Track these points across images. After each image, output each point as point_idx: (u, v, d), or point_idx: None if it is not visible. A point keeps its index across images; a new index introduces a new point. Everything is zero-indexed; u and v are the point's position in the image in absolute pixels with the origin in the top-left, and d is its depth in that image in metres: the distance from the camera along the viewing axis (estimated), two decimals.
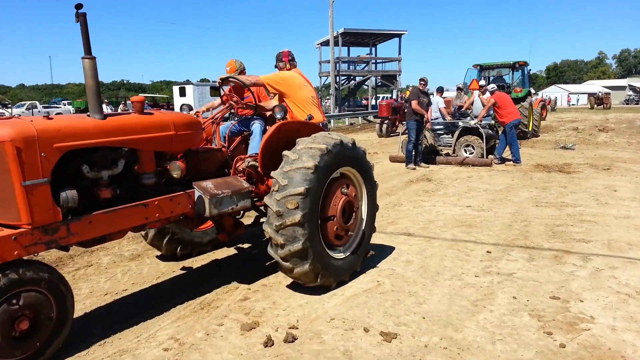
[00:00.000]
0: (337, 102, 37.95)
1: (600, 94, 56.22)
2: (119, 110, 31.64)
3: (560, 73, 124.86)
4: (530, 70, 19.44)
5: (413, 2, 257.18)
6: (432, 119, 12.50)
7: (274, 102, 5.36)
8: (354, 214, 4.67)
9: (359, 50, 49.72)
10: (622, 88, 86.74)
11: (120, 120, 3.70)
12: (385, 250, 5.46)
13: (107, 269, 5.08)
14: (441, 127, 13.07)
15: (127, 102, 40.42)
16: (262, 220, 4.36)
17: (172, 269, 5.02)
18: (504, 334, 3.55)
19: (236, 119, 5.44)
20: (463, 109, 14.15)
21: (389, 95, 44.09)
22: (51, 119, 3.36)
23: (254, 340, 3.50)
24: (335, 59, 36.23)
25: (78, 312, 4.01)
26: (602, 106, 52.23)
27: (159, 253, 5.52)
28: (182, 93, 33.80)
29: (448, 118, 13.19)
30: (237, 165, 4.73)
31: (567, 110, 49.11)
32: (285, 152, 4.23)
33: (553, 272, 4.74)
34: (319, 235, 4.25)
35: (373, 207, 5.00)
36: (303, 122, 4.84)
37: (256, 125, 5.15)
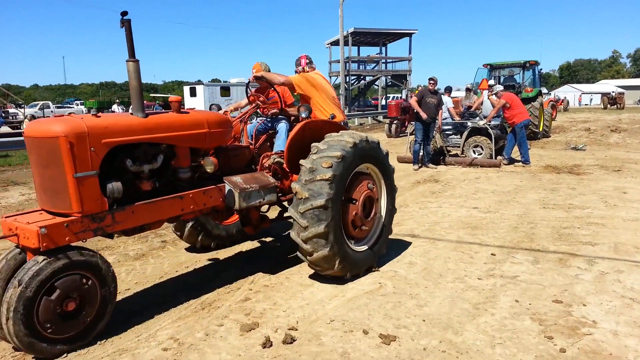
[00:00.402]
0: (346, 102, 37.90)
1: (613, 94, 55.53)
2: (129, 111, 31.88)
3: (574, 72, 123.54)
4: (541, 69, 19.25)
5: (424, 1, 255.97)
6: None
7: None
8: (372, 214, 4.85)
9: (369, 49, 49.56)
10: (637, 87, 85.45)
11: (160, 119, 3.99)
12: (388, 252, 5.41)
13: None
14: (450, 127, 12.99)
15: None
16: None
17: (175, 269, 5.05)
18: (504, 338, 3.53)
19: (262, 118, 5.65)
20: (472, 109, 14.05)
21: (399, 95, 43.92)
22: (99, 117, 3.63)
23: (252, 341, 3.51)
24: (345, 59, 36.14)
25: None
26: (615, 106, 51.58)
27: (163, 253, 5.57)
28: (193, 93, 33.98)
29: (457, 118, 13.11)
30: (264, 161, 4.96)
31: (580, 111, 48.57)
32: (328, 134, 4.64)
33: (557, 276, 4.69)
34: (340, 205, 4.43)
35: (389, 226, 5.23)
36: (326, 120, 5.10)
37: (281, 125, 5.40)
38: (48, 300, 3.21)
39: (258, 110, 5.51)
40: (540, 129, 17.81)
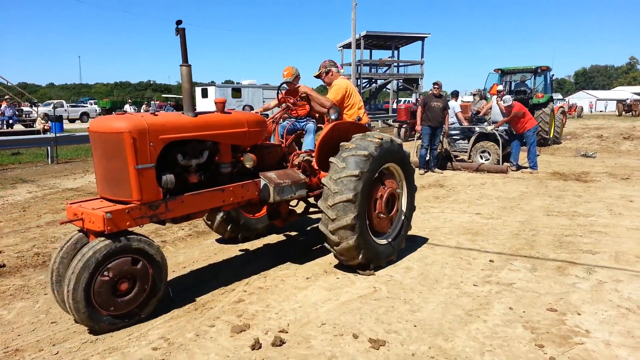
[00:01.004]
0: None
1: (629, 101, 54.88)
2: (142, 111, 32.18)
3: (589, 79, 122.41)
4: (553, 75, 19.07)
5: (437, 5, 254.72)
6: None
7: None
8: (394, 210, 5.32)
9: (381, 53, 49.57)
10: None
11: (208, 118, 4.41)
12: None
13: None
14: (457, 132, 12.93)
15: (151, 102, 41.08)
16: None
17: (172, 269, 5.06)
18: (494, 345, 3.50)
19: (292, 119, 5.98)
20: (480, 115, 13.97)
21: (409, 99, 43.78)
22: (157, 115, 4.02)
23: (242, 343, 3.52)
24: (357, 62, 36.15)
25: None
26: (630, 113, 50.96)
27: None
28: (204, 94, 34.19)
29: (465, 123, 13.04)
30: (294, 159, 5.32)
31: (594, 117, 48.05)
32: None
33: (554, 284, 4.65)
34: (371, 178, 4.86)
35: (408, 223, 5.62)
36: (353, 122, 5.50)
37: (310, 125, 5.81)
38: (104, 279, 3.55)
39: (287, 111, 5.86)
40: (551, 136, 17.65)
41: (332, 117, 5.21)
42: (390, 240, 5.22)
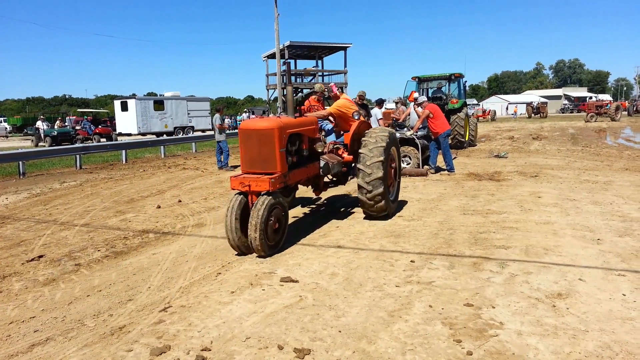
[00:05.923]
0: (286, 114, 37.86)
1: (536, 103, 59.00)
2: (56, 126, 30.37)
3: (501, 84, 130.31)
4: (466, 81, 20.13)
5: (357, 16, 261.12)
6: None
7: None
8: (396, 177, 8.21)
9: (305, 62, 50.05)
10: (558, 97, 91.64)
11: (301, 119, 6.94)
12: (312, 264, 5.44)
13: (17, 296, 4.80)
14: None
15: (67, 117, 38.83)
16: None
17: (87, 294, 4.80)
18: (415, 344, 3.60)
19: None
20: (400, 121, 14.44)
21: None
22: (280, 118, 6.49)
23: None
24: (282, 72, 36.24)
25: None
26: (539, 115, 54.77)
27: (75, 277, 5.30)
28: (124, 107, 32.89)
29: None
30: (328, 147, 7.62)
31: (506, 120, 51.12)
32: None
33: (470, 279, 4.86)
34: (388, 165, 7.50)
35: (399, 174, 8.55)
36: (363, 120, 7.99)
37: (329, 124, 8.11)
38: (271, 220, 5.70)
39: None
40: (466, 139, 18.56)
41: (356, 117, 7.66)
42: (393, 198, 7.79)
